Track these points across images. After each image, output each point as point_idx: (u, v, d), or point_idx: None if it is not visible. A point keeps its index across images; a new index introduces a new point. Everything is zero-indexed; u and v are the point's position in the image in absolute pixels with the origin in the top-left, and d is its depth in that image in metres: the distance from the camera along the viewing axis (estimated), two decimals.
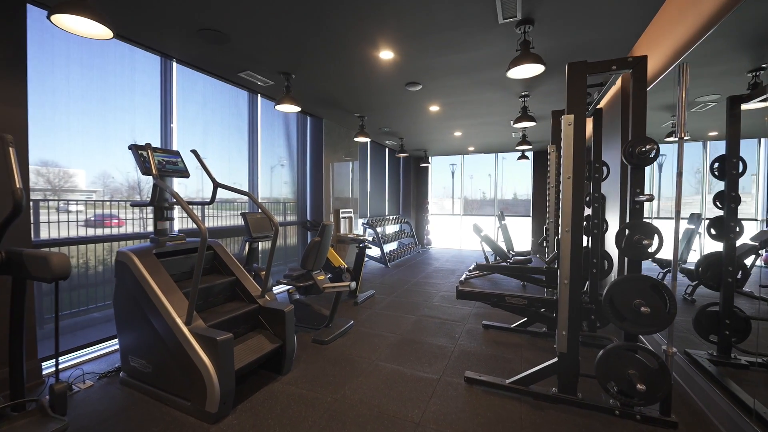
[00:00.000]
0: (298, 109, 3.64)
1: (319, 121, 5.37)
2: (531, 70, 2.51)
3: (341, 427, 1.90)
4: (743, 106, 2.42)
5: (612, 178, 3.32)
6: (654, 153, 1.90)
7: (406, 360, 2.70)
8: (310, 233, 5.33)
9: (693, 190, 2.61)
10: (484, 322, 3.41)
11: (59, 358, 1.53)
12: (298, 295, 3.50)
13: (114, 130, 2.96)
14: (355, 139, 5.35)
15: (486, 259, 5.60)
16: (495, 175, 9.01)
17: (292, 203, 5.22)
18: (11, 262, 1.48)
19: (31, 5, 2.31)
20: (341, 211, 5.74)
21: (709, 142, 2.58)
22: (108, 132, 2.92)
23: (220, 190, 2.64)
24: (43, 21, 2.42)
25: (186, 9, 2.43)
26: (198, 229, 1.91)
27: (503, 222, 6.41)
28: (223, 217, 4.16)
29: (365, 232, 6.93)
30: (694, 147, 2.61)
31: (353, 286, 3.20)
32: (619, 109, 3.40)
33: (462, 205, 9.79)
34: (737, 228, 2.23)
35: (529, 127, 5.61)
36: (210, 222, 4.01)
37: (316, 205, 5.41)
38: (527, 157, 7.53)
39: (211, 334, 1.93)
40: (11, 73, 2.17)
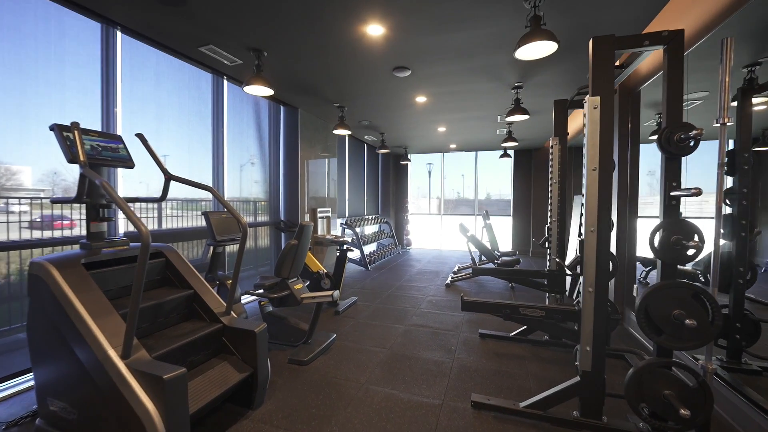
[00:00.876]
0: (270, 92, 3.16)
1: (295, 111, 4.88)
2: (542, 49, 2.22)
3: None
4: (754, 100, 2.28)
5: (615, 174, 3.13)
6: (694, 142, 1.64)
7: (400, 381, 2.34)
8: (284, 235, 4.83)
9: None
10: (480, 331, 3.11)
11: None
12: (271, 307, 3.03)
13: (35, 109, 2.37)
14: (334, 132, 4.91)
15: (472, 259, 5.36)
16: (476, 174, 8.87)
17: (263, 203, 4.69)
18: None
19: None
20: (318, 210, 5.28)
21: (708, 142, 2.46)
22: (27, 110, 2.33)
23: (182, 187, 2.14)
24: None
25: None
26: (138, 231, 1.44)
27: (488, 221, 6.21)
28: (188, 218, 3.59)
29: (344, 232, 6.50)
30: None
31: (336, 295, 2.79)
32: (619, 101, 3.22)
33: (441, 204, 9.58)
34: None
35: (515, 123, 5.42)
36: (170, 223, 3.43)
37: (291, 204, 4.91)
38: (510, 155, 7.41)
39: (155, 371, 1.46)
40: None
